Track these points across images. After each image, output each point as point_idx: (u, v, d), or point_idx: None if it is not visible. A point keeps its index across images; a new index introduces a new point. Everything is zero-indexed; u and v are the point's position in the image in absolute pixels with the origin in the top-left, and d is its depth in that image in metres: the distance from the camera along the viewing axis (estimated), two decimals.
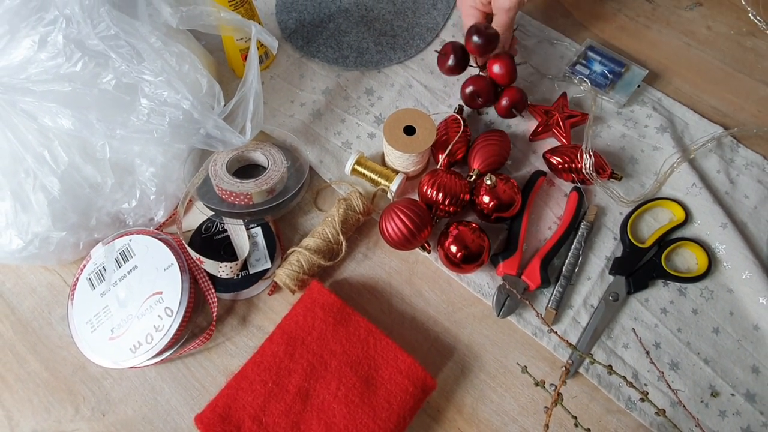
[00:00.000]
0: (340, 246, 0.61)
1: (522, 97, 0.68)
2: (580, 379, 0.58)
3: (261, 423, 0.51)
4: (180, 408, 0.56)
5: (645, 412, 0.57)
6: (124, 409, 0.56)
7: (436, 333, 0.60)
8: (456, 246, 0.59)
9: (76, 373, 0.58)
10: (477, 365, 0.59)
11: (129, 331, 0.55)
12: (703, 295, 0.62)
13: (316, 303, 0.56)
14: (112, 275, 0.58)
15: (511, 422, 0.56)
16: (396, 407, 0.52)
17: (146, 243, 0.58)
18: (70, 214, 0.58)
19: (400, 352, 0.54)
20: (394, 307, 0.62)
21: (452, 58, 0.69)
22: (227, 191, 0.60)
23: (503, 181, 0.62)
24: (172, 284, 0.56)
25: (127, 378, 0.58)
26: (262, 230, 0.62)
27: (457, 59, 0.69)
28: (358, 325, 0.56)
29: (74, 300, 0.58)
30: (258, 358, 0.55)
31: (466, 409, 0.57)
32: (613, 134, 0.72)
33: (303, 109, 0.73)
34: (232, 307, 0.61)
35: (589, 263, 0.64)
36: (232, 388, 0.53)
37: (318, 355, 0.54)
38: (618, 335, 0.60)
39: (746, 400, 0.57)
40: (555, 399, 0.48)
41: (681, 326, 0.61)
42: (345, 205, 0.62)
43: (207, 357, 0.59)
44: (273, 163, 0.64)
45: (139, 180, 0.61)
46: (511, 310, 0.60)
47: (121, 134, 0.56)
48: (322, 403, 0.52)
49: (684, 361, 0.59)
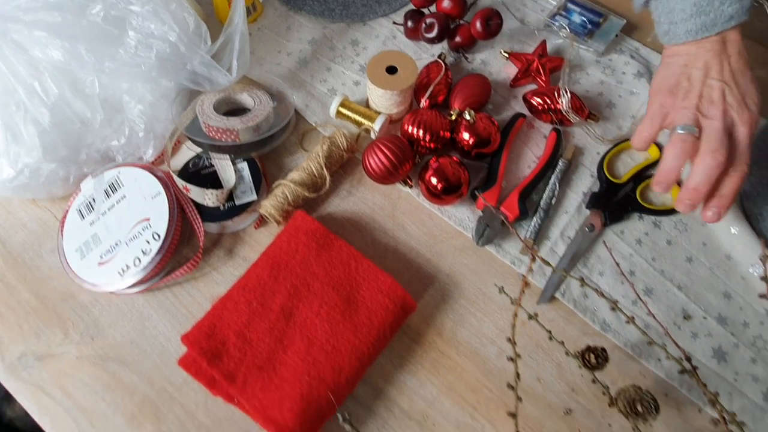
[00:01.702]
0: (324, 180, 0.63)
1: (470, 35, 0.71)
2: (556, 304, 0.60)
3: (245, 339, 0.53)
4: (167, 332, 0.58)
5: (619, 333, 0.58)
6: (113, 333, 0.58)
7: (418, 263, 0.62)
8: (436, 177, 0.61)
9: (66, 301, 0.59)
10: (457, 292, 0.60)
11: (117, 257, 0.57)
12: (677, 228, 0.64)
13: (299, 230, 0.58)
14: (101, 205, 0.59)
15: (489, 344, 0.58)
16: (376, 323, 0.54)
17: (135, 174, 0.60)
18: (60, 148, 0.60)
19: (381, 273, 0.56)
20: (376, 240, 0.63)
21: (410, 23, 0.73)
22: (214, 128, 0.62)
23: (482, 118, 0.64)
24: (160, 211, 0.57)
25: (116, 305, 0.59)
26: (248, 165, 0.63)
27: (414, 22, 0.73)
28: (340, 249, 0.57)
29: (64, 230, 0.59)
30: (243, 281, 0.56)
31: (446, 332, 0.58)
32: (591, 81, 0.74)
33: (290, 59, 0.75)
34: (219, 240, 0.63)
35: (566, 198, 0.66)
36: (218, 309, 0.55)
37: (301, 278, 0.56)
38: (594, 264, 0.62)
39: (718, 323, 0.59)
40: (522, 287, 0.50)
41: (655, 256, 0.63)
42: (329, 142, 0.64)
43: (194, 285, 0.60)
44: (259, 104, 0.65)
45: (128, 118, 0.63)
46: (489, 240, 0.62)
47: (110, 67, 0.58)
48: (304, 321, 0.54)
49: (658, 287, 0.61)
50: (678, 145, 0.54)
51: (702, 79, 0.55)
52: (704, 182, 0.52)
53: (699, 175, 0.52)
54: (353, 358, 0.52)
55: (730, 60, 0.55)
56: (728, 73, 0.55)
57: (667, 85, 0.57)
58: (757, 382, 0.57)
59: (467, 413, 0.55)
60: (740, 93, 0.54)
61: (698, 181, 0.52)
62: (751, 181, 0.65)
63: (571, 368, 0.57)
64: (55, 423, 0.54)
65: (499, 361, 0.57)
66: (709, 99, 0.54)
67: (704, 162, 0.52)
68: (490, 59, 0.76)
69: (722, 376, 0.57)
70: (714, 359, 0.58)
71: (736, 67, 0.55)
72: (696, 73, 0.56)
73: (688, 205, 0.54)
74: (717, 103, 0.54)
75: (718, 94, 0.54)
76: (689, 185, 0.53)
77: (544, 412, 0.55)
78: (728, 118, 0.53)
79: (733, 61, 0.55)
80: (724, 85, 0.54)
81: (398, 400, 0.55)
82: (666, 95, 0.57)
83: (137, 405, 0.55)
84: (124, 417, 0.54)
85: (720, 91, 0.54)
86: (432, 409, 0.55)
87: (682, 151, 0.54)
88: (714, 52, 0.56)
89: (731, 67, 0.55)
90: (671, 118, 0.56)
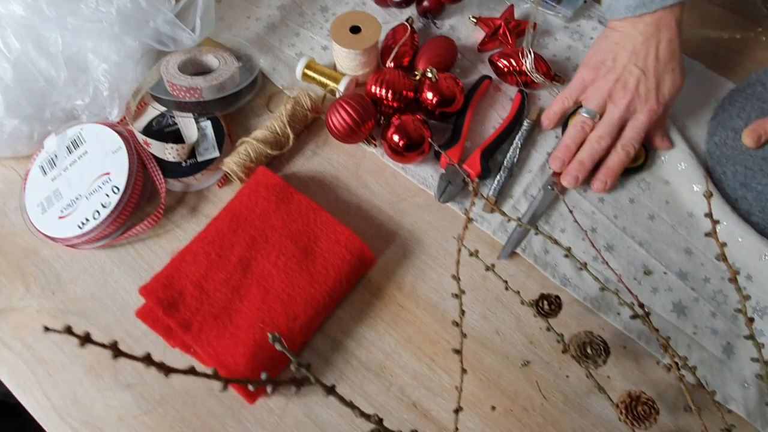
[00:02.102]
0: (288, 138, 0.63)
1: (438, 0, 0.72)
2: (517, 259, 0.60)
3: (202, 289, 0.53)
4: (128, 287, 0.58)
5: (578, 287, 0.58)
6: (74, 288, 0.58)
7: (380, 220, 0.62)
8: (398, 135, 0.61)
9: (28, 257, 0.59)
10: (419, 248, 0.61)
11: (77, 210, 0.57)
12: (640, 186, 0.64)
13: (260, 184, 0.58)
14: (63, 161, 0.59)
15: (449, 298, 0.58)
16: (333, 273, 0.54)
17: (97, 130, 0.60)
18: (24, 105, 0.60)
19: (339, 225, 0.56)
20: (339, 197, 0.63)
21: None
22: (177, 86, 0.62)
23: (446, 77, 0.64)
24: (120, 165, 0.58)
25: (78, 261, 0.59)
26: (212, 124, 0.64)
27: None
28: (299, 202, 0.58)
29: (26, 186, 0.60)
30: (203, 234, 0.57)
31: (406, 287, 0.59)
32: (559, 46, 0.74)
33: (258, 23, 0.75)
34: (183, 198, 0.63)
35: (530, 158, 0.66)
36: (177, 261, 0.55)
37: (260, 230, 0.56)
38: (555, 221, 0.62)
39: (678, 278, 0.59)
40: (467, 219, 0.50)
41: (617, 213, 0.63)
42: (293, 102, 0.64)
43: (156, 242, 0.60)
44: (224, 64, 0.66)
45: (93, 77, 0.63)
46: (451, 196, 0.62)
47: (72, 23, 0.58)
48: (262, 271, 0.54)
49: (619, 244, 0.61)
50: (578, 127, 0.61)
51: (625, 63, 0.60)
52: (587, 159, 0.60)
53: (584, 153, 0.60)
54: (308, 307, 0.52)
55: (659, 47, 0.59)
56: (651, 62, 0.59)
57: (596, 59, 0.62)
58: (716, 335, 0.57)
59: (425, 364, 0.55)
60: (655, 83, 0.59)
61: (582, 157, 0.60)
62: (714, 141, 0.66)
63: (529, 321, 0.57)
64: (14, 373, 0.54)
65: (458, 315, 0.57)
66: (624, 85, 0.59)
67: (590, 144, 0.60)
68: (458, 25, 0.76)
69: (681, 329, 0.57)
70: (673, 313, 0.58)
71: (662, 55, 0.59)
72: (622, 56, 0.60)
73: (574, 177, 0.61)
74: (628, 91, 0.59)
75: (633, 82, 0.59)
76: (576, 158, 0.61)
77: (503, 364, 0.55)
78: (631, 108, 0.60)
79: (661, 48, 0.59)
80: (642, 75, 0.59)
81: (356, 351, 0.56)
82: (590, 69, 0.62)
83: (95, 357, 0.55)
84: (82, 368, 0.54)
85: (636, 80, 0.59)
86: (390, 360, 0.55)
87: (581, 133, 0.61)
88: (645, 36, 0.59)
89: (657, 56, 0.59)
90: (586, 94, 0.62)
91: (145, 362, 0.29)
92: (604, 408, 0.53)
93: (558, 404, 0.54)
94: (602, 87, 0.61)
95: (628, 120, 0.60)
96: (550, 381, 0.55)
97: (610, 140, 0.60)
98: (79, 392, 0.53)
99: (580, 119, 0.62)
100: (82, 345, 0.26)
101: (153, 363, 0.29)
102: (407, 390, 0.54)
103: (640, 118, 0.60)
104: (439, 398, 0.54)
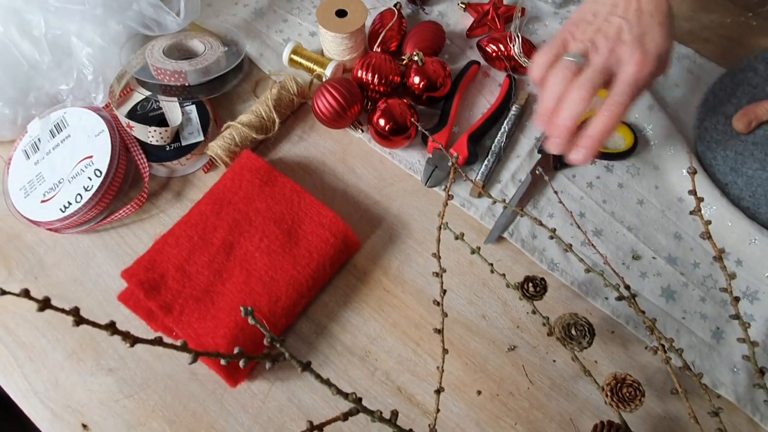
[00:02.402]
0: (273, 123, 0.63)
1: None
2: (504, 244, 0.60)
3: (184, 272, 0.53)
4: (111, 271, 0.58)
5: (566, 272, 0.58)
6: (57, 272, 0.58)
7: (367, 205, 0.62)
8: (384, 119, 0.60)
9: (11, 242, 0.59)
10: (405, 233, 0.60)
11: (60, 194, 0.56)
12: (630, 171, 0.64)
13: (244, 167, 0.58)
14: (46, 145, 0.59)
15: (435, 282, 0.57)
16: (316, 256, 0.53)
17: (80, 114, 0.60)
18: (8, 89, 0.60)
19: (323, 207, 0.56)
20: (326, 182, 0.63)
21: None
22: (162, 70, 0.62)
23: (433, 62, 0.63)
24: (102, 148, 0.57)
25: (61, 245, 0.59)
26: (196, 108, 0.63)
27: None
28: (283, 185, 0.57)
29: (9, 170, 0.59)
30: (186, 218, 0.56)
31: (392, 271, 0.58)
32: (549, 32, 0.74)
33: (246, 9, 0.74)
34: (167, 184, 0.62)
35: (518, 143, 0.65)
36: (159, 244, 0.55)
37: (243, 213, 0.56)
38: (543, 206, 0.62)
39: (667, 263, 0.59)
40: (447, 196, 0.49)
41: (606, 198, 0.62)
42: (279, 86, 0.64)
43: (140, 227, 0.60)
44: (210, 48, 0.65)
45: (77, 61, 0.63)
46: (438, 181, 0.61)
47: (55, 5, 0.58)
48: (245, 254, 0.53)
49: (607, 228, 0.61)
50: (560, 71, 0.52)
51: (605, 15, 0.54)
52: (568, 118, 0.50)
53: (565, 110, 0.50)
54: (291, 289, 0.52)
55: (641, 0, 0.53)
56: (633, 12, 0.53)
57: (577, 17, 0.57)
58: (705, 320, 0.56)
59: (410, 349, 0.54)
60: (640, 32, 0.52)
61: (563, 116, 0.50)
62: (705, 125, 0.65)
63: (516, 306, 0.57)
64: None
65: (444, 299, 0.57)
66: (605, 34, 0.53)
67: (569, 95, 0.50)
68: (447, 11, 0.75)
69: (670, 314, 0.57)
70: (662, 298, 0.57)
71: (645, 8, 0.53)
72: (602, 9, 0.55)
73: (556, 143, 0.52)
74: (610, 39, 0.52)
75: (614, 30, 0.52)
76: (558, 119, 0.51)
77: (489, 348, 0.55)
78: (614, 55, 0.51)
79: (644, 1, 0.53)
80: (624, 22, 0.52)
81: (341, 336, 0.55)
82: (571, 26, 0.56)
83: (77, 341, 0.54)
84: (64, 352, 0.54)
85: (617, 28, 0.52)
86: (374, 345, 0.55)
87: (563, 78, 0.51)
88: None
89: (640, 7, 0.53)
90: (568, 47, 0.55)
91: (108, 330, 0.28)
92: (591, 393, 0.53)
93: (544, 389, 0.53)
94: (583, 38, 0.54)
95: (616, 73, 0.52)
96: (536, 365, 0.54)
97: (593, 90, 0.50)
98: (61, 377, 0.53)
99: (561, 64, 0.53)
100: (40, 310, 0.26)
101: (117, 331, 0.28)
102: (392, 375, 0.53)
103: (628, 71, 0.51)
104: (425, 383, 0.53)
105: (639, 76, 0.50)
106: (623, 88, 0.50)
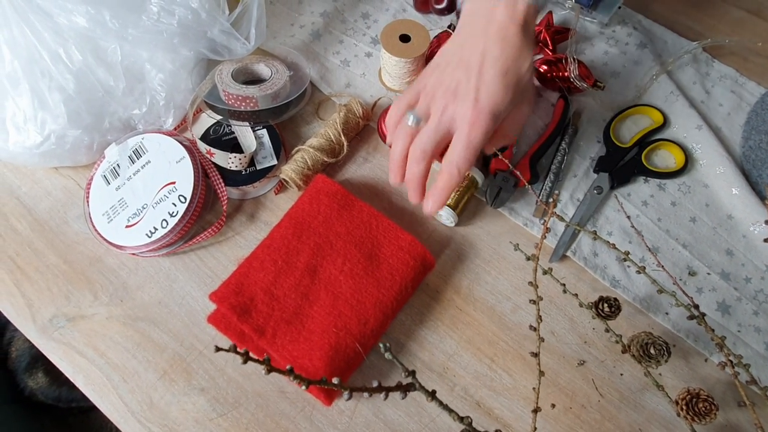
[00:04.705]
0: (342, 146, 0.65)
1: None
2: (567, 262, 0.63)
3: (272, 295, 0.55)
4: (194, 293, 0.60)
5: (628, 289, 0.61)
6: (141, 295, 0.59)
7: (434, 226, 0.64)
8: None
9: (94, 265, 0.61)
10: (472, 252, 0.63)
11: (144, 219, 0.58)
12: (681, 190, 0.67)
13: (321, 192, 0.60)
14: (126, 170, 0.61)
15: (505, 300, 0.60)
16: (398, 278, 0.56)
17: (158, 140, 0.61)
18: (84, 115, 0.61)
19: (401, 231, 0.58)
20: (393, 203, 0.65)
21: None
22: (233, 95, 0.63)
23: None
24: (185, 174, 0.59)
25: (143, 268, 0.61)
26: (267, 132, 0.65)
27: None
28: (361, 209, 0.59)
29: (90, 196, 0.61)
30: (267, 242, 0.58)
31: (463, 290, 0.61)
32: (596, 52, 0.76)
33: (302, 31, 0.76)
34: (241, 206, 0.64)
35: (574, 163, 0.68)
36: (244, 268, 0.57)
37: (324, 237, 0.58)
38: (602, 224, 0.64)
39: (721, 278, 0.62)
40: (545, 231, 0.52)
41: (661, 216, 0.65)
42: (345, 109, 0.66)
43: (218, 249, 0.62)
44: (276, 73, 0.67)
45: (149, 87, 0.64)
46: (502, 202, 0.64)
47: (133, 34, 0.59)
48: (329, 277, 0.56)
49: (663, 246, 0.64)
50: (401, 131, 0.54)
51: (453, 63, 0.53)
52: (410, 176, 0.54)
53: (408, 168, 0.54)
54: (377, 311, 0.54)
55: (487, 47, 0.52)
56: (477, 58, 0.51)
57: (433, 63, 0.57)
58: (759, 333, 0.60)
59: (485, 364, 0.57)
60: (477, 85, 0.51)
61: (408, 173, 0.54)
62: (749, 145, 0.68)
63: (583, 322, 0.60)
64: (89, 380, 0.56)
65: (514, 316, 0.60)
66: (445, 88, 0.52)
67: (410, 155, 0.53)
68: None
69: (726, 328, 0.60)
70: (718, 312, 0.61)
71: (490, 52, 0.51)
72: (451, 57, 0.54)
73: (412, 196, 0.55)
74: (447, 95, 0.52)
75: (454, 85, 0.52)
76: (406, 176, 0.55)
77: (559, 363, 0.58)
78: (446, 114, 0.51)
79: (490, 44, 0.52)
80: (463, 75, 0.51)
81: (420, 354, 0.58)
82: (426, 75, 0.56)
83: (168, 362, 0.56)
84: (156, 373, 0.56)
85: (457, 81, 0.52)
86: (452, 361, 0.57)
87: (404, 138, 0.54)
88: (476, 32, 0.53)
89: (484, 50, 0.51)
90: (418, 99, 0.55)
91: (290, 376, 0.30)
92: (658, 404, 0.56)
93: (614, 401, 0.56)
94: (426, 92, 0.54)
95: (452, 131, 0.52)
96: (605, 379, 0.57)
97: (428, 151, 0.52)
98: (155, 397, 0.55)
99: (401, 125, 0.54)
100: (244, 362, 0.28)
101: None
102: (470, 389, 0.56)
103: (461, 132, 0.51)
104: (502, 397, 0.56)
105: (471, 138, 0.50)
106: (457, 150, 0.51)
